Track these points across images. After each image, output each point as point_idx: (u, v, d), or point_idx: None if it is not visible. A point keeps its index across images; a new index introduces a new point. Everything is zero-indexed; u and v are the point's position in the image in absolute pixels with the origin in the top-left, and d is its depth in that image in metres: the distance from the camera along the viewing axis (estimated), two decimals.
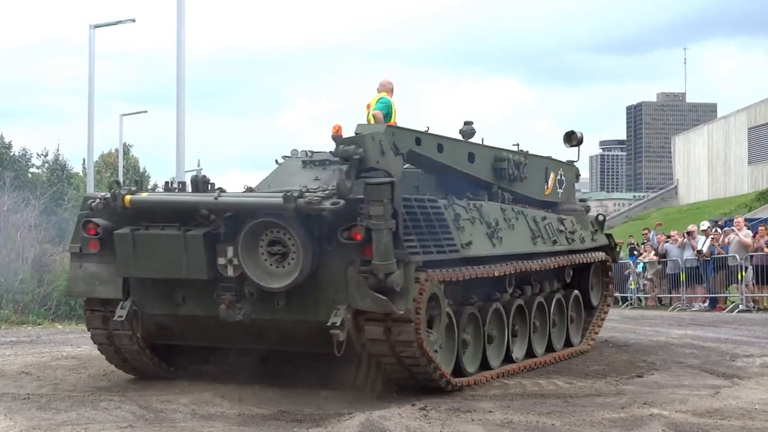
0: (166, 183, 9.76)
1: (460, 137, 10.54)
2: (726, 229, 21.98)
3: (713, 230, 22.14)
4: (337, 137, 8.66)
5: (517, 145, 11.35)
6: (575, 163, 12.69)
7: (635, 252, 26.53)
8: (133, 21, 29.15)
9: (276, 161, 10.86)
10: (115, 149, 47.21)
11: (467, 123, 11.02)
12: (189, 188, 9.18)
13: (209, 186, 8.87)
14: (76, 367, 10.77)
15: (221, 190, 8.51)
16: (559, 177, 12.08)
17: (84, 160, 40.58)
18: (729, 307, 20.01)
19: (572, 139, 11.84)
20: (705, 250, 21.15)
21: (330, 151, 10.70)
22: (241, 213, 8.24)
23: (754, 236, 20.51)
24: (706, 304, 21.14)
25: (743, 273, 19.93)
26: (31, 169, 48.79)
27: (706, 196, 53.02)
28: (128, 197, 8.32)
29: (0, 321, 17.56)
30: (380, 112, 11.29)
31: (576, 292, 12.13)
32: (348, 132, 11.26)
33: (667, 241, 23.58)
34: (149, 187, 58.87)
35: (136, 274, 8.67)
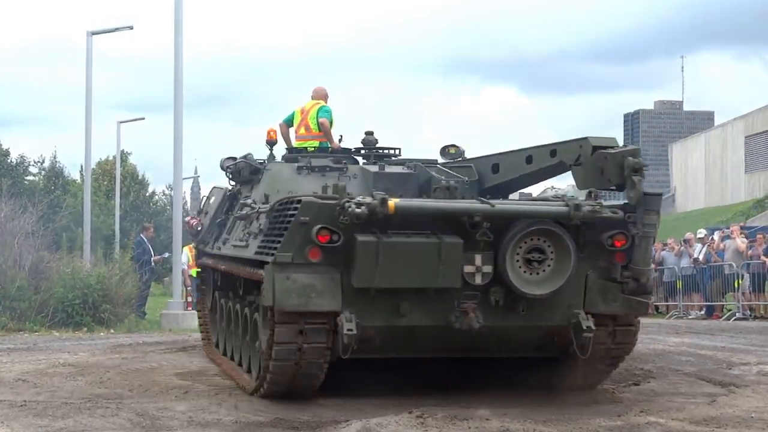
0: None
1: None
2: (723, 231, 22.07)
3: (709, 238, 22.18)
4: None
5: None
6: None
7: None
8: (131, 28, 29.16)
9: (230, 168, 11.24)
10: (113, 156, 47.11)
11: (368, 133, 11.18)
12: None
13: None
14: (73, 374, 10.76)
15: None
16: None
17: (81, 167, 40.59)
18: (725, 315, 20.05)
19: (446, 154, 11.69)
20: (701, 257, 21.18)
21: (441, 162, 10.74)
22: (514, 220, 8.26)
23: (750, 244, 20.56)
24: (703, 312, 21.17)
25: (740, 281, 19.96)
26: (28, 177, 48.76)
27: (702, 204, 53.08)
28: (392, 203, 7.94)
29: None
30: (327, 120, 11.37)
31: None
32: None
33: (663, 249, 23.61)
34: (147, 194, 58.53)
35: (379, 285, 8.19)
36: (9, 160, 47.75)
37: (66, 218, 31.84)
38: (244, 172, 10.89)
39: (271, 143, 11.38)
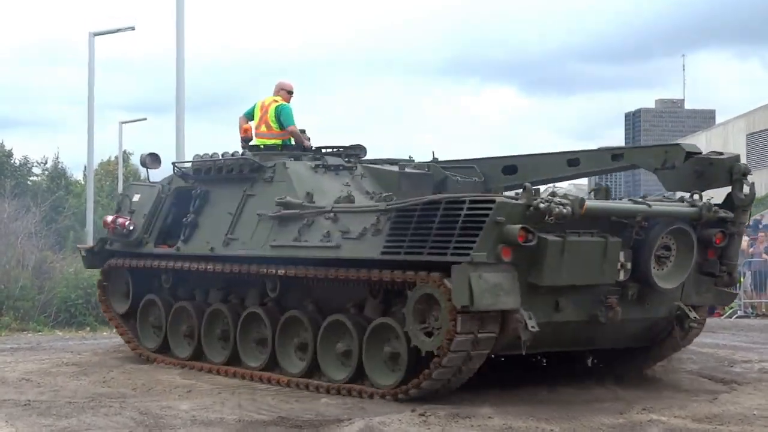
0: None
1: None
2: None
3: None
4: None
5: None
6: None
7: None
8: (133, 29, 29.15)
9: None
10: (115, 157, 47.15)
11: (301, 131, 11.20)
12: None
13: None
14: (77, 373, 10.77)
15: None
16: None
17: (85, 167, 40.57)
18: (727, 312, 19.96)
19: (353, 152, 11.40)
20: None
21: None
22: (662, 220, 8.88)
23: (752, 242, 20.55)
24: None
25: (742, 279, 19.92)
26: (31, 177, 48.83)
27: None
28: (586, 204, 8.23)
29: (0, 328, 17.57)
30: (294, 126, 11.14)
31: None
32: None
33: None
34: None
35: (561, 282, 8.44)
36: (12, 161, 47.87)
37: (69, 219, 31.86)
38: (243, 169, 10.59)
39: (246, 140, 11.36)
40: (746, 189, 9.28)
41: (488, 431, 7.46)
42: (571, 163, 10.40)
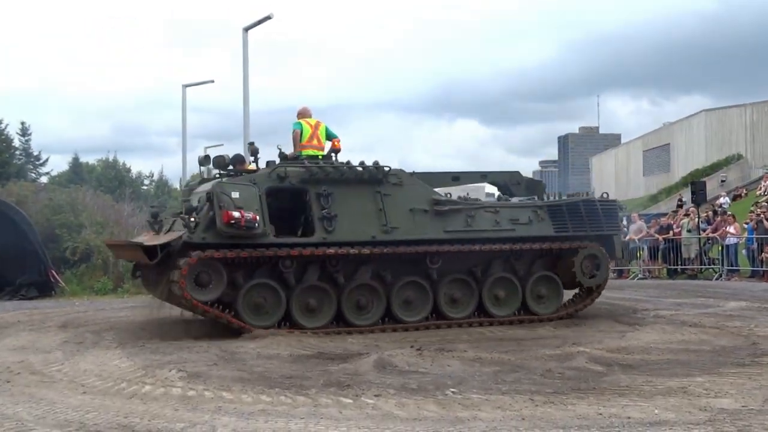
0: None
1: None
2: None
3: None
4: None
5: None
6: None
7: None
8: (213, 82, 29.22)
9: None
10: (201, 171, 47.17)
11: (251, 144, 10.53)
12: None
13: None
14: (177, 323, 10.76)
15: None
16: None
17: (180, 179, 40.51)
18: (631, 276, 19.95)
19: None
20: None
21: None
22: None
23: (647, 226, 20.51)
24: (615, 275, 21.05)
25: (641, 252, 19.91)
26: (143, 186, 48.88)
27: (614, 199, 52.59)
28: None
29: (124, 292, 17.58)
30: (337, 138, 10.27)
31: None
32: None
33: None
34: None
35: None
36: (130, 175, 47.99)
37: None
38: (375, 176, 9.42)
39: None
40: (545, 198, 10.70)
41: (464, 360, 7.44)
42: (455, 178, 10.93)
